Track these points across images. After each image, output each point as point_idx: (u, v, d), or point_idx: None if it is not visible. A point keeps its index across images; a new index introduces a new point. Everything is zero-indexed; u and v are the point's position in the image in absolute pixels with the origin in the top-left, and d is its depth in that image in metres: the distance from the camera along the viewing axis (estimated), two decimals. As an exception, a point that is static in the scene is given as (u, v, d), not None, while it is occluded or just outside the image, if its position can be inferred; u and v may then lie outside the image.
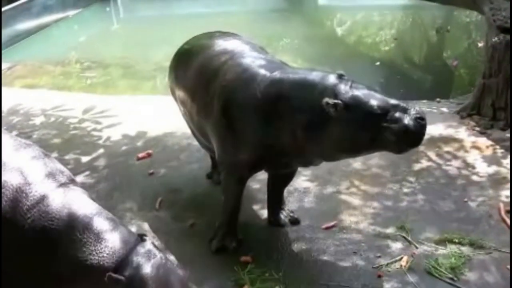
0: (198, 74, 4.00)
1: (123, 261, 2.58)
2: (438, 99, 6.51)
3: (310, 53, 9.35)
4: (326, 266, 3.85)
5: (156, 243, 2.98)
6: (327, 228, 4.23)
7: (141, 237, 2.72)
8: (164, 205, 4.58)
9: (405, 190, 4.71)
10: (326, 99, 3.18)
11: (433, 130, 5.48)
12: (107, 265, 2.56)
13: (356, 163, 5.07)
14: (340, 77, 3.34)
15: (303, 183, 4.79)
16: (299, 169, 4.41)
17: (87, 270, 2.56)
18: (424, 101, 6.46)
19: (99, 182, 4.98)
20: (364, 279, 3.74)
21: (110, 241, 2.62)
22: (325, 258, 3.93)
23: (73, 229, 2.60)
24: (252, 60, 3.72)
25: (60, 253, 2.57)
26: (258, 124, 3.46)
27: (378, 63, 9.12)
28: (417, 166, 5.02)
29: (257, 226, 4.20)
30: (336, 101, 3.16)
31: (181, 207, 4.55)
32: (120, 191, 4.82)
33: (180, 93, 4.27)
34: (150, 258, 2.61)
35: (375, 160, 5.11)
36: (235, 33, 4.41)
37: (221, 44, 4.03)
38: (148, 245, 2.70)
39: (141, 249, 2.64)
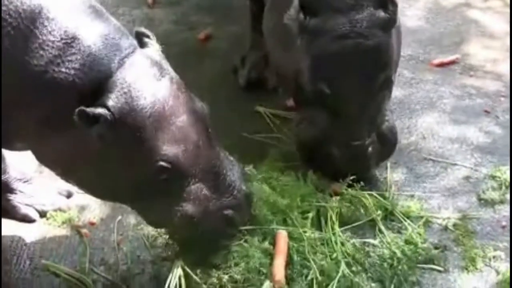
0: None
1: (107, 79, 2.40)
2: None
3: None
4: (432, 130, 3.51)
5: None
6: (441, 65, 3.99)
7: (139, 38, 2.55)
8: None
9: None
10: None
11: None
12: (80, 84, 2.39)
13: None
14: None
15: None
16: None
17: (46, 89, 2.40)
18: None
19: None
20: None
21: (89, 42, 2.41)
22: (434, 115, 3.60)
23: (19, 18, 2.39)
24: None
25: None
26: None
27: None
28: None
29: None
30: None
31: (189, 5, 4.46)
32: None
33: None
34: (155, 77, 2.43)
35: None
36: None
37: None
38: (153, 51, 2.48)
39: (139, 60, 2.43)
